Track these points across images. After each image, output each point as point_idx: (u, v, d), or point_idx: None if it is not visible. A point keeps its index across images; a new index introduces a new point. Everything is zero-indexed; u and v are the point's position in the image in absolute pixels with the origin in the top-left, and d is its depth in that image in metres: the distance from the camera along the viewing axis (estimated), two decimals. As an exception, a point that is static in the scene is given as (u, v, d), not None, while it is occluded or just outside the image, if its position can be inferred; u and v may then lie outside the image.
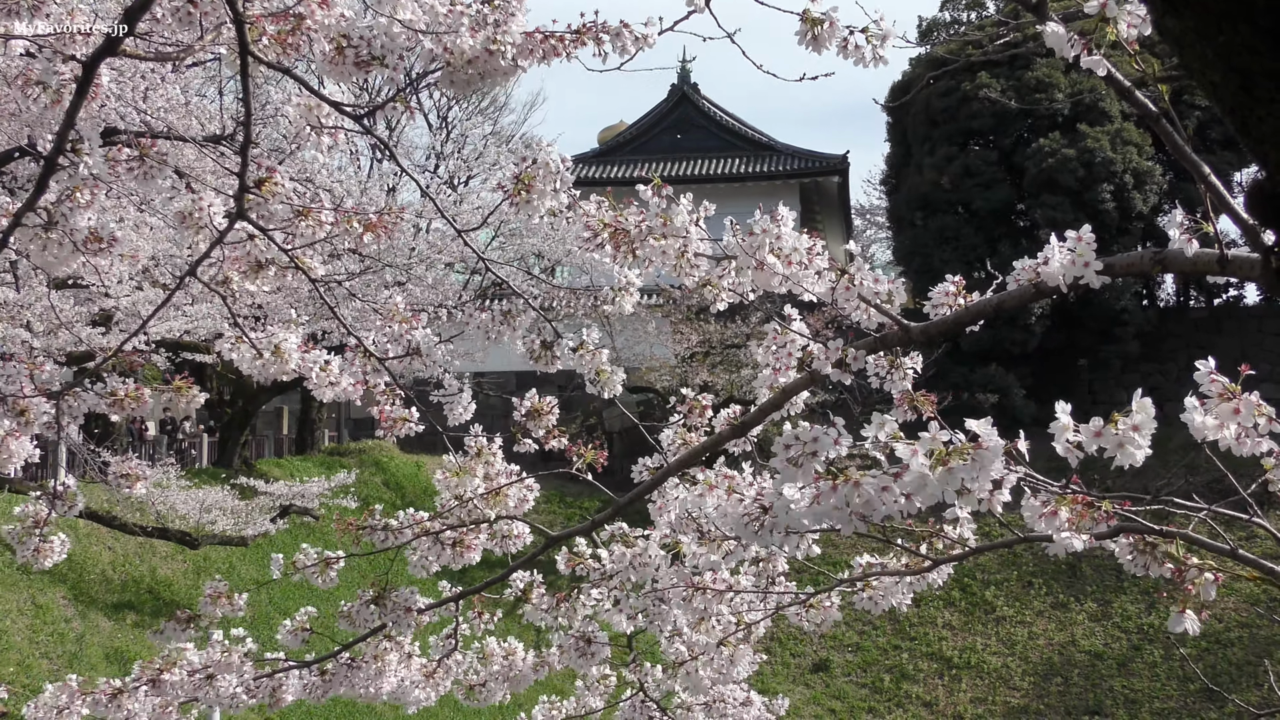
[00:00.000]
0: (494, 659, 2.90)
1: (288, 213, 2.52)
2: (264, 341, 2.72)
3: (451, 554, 2.69)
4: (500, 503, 2.70)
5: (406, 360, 2.73)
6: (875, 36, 2.24)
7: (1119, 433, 1.61)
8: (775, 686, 20.55)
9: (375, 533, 2.64)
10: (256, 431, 25.79)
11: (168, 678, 2.55)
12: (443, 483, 2.71)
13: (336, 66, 2.10)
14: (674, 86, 36.82)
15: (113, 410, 2.82)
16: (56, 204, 2.27)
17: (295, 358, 2.75)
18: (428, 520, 2.69)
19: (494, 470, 2.73)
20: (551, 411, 2.87)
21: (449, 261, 15.85)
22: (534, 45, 2.16)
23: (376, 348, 2.75)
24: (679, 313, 25.95)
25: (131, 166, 2.33)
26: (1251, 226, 1.65)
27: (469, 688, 2.90)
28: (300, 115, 2.33)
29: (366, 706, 14.89)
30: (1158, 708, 19.13)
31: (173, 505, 14.94)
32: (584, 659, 2.76)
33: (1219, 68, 1.18)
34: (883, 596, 2.63)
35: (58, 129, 2.11)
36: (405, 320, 2.75)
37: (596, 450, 2.83)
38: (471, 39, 2.07)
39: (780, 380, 2.41)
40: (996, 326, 26.48)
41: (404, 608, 2.66)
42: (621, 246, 2.23)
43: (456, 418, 2.88)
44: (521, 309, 2.74)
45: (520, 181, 2.32)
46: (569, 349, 2.75)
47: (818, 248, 2.24)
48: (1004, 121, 28.10)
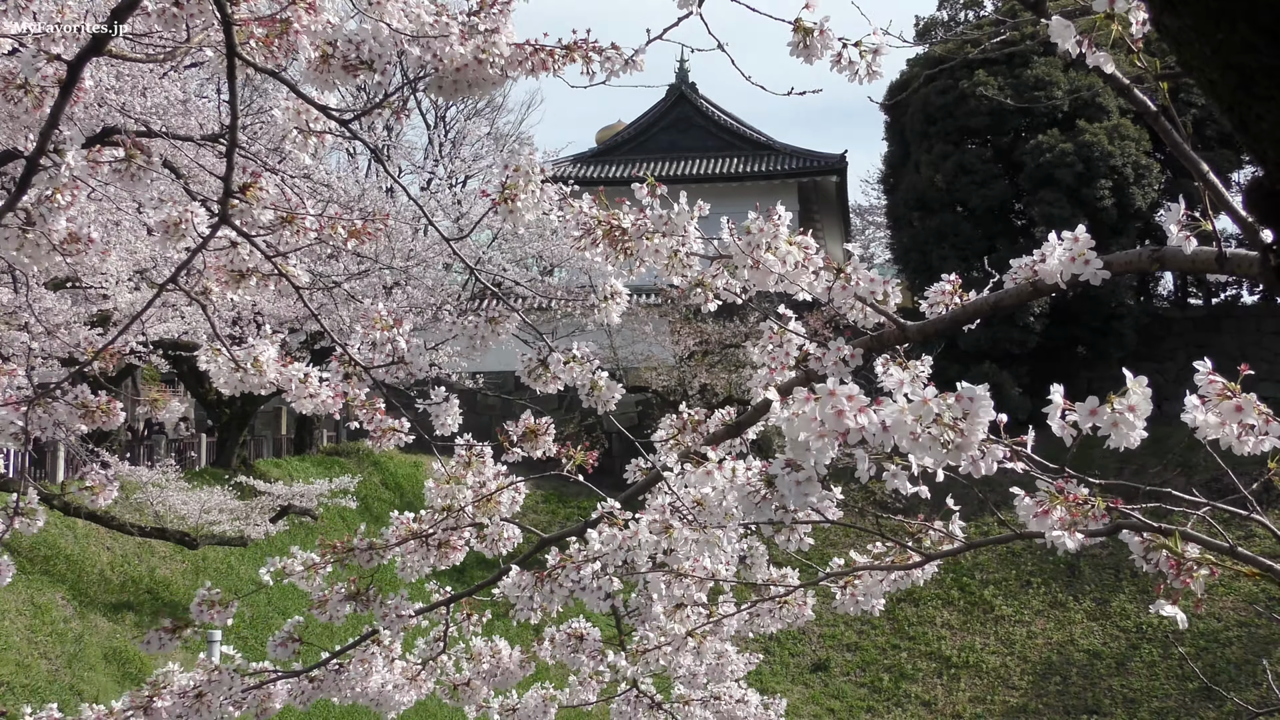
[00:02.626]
0: (481, 659, 2.89)
1: (273, 218, 2.50)
2: (242, 355, 2.69)
3: (437, 555, 2.68)
4: (493, 509, 2.69)
5: (392, 369, 2.70)
6: (868, 50, 2.21)
7: (1114, 412, 1.61)
8: (774, 686, 20.55)
9: (360, 554, 2.64)
10: (255, 431, 25.77)
11: (158, 704, 2.53)
12: (434, 492, 2.70)
13: (321, 74, 2.10)
14: (672, 86, 36.81)
15: (83, 421, 2.80)
16: (36, 205, 2.26)
17: (273, 370, 2.73)
18: (412, 521, 2.68)
19: (485, 478, 2.71)
20: (547, 432, 2.84)
21: (447, 263, 15.85)
22: (523, 57, 2.16)
23: (361, 356, 2.72)
24: (677, 313, 25.95)
25: (118, 168, 2.32)
26: (1250, 224, 1.65)
27: (453, 687, 2.89)
28: (288, 118, 2.32)
29: (364, 709, 14.88)
30: (1156, 707, 19.15)
31: (172, 506, 14.93)
32: (575, 654, 2.76)
33: (1217, 65, 1.17)
34: (864, 596, 2.59)
35: (41, 129, 2.09)
36: (388, 327, 2.72)
37: (587, 451, 2.80)
38: (461, 47, 2.07)
39: (777, 380, 2.41)
40: (994, 326, 26.49)
41: (395, 614, 2.64)
42: (616, 245, 2.23)
43: (444, 427, 2.84)
44: (507, 313, 2.73)
45: (505, 190, 2.32)
46: (561, 363, 2.72)
47: (813, 245, 2.23)
48: (1001, 119, 28.11)
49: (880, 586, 2.58)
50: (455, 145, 22.36)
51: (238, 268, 2.60)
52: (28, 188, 2.22)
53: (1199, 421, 1.60)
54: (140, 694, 2.55)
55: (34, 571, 13.32)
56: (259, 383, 2.72)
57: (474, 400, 21.57)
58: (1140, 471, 23.16)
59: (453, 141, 24.30)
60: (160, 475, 15.47)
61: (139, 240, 9.25)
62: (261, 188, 2.44)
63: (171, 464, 17.24)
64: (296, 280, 2.64)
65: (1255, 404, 1.61)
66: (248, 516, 15.56)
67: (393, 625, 2.65)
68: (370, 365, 2.70)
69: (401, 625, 2.66)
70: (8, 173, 7.01)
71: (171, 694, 2.54)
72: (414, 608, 2.72)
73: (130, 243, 9.34)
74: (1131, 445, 1.64)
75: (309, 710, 2.75)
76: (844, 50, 2.21)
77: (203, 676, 2.59)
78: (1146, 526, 1.94)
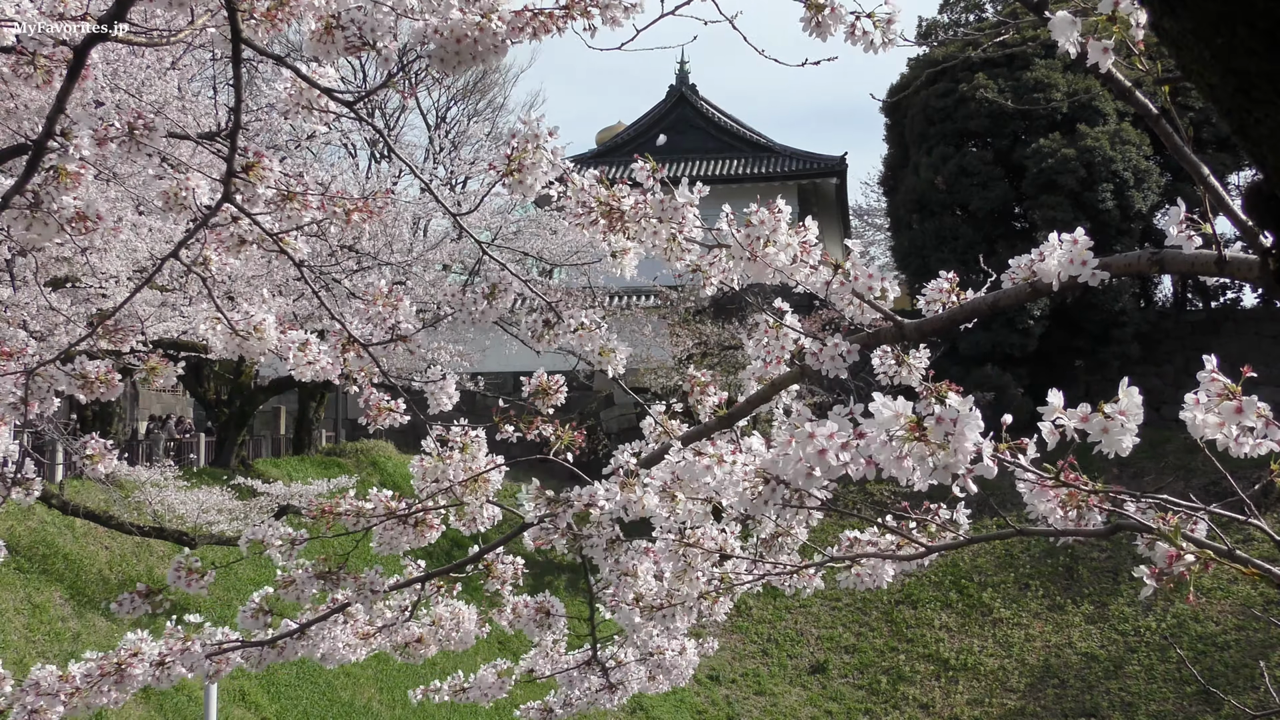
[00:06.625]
0: (442, 622, 2.88)
1: (275, 198, 2.52)
2: (242, 322, 2.72)
3: (414, 533, 2.67)
4: (481, 489, 2.68)
5: (391, 346, 2.71)
6: (881, 20, 2.22)
7: (1105, 418, 1.62)
8: (772, 687, 20.55)
9: (346, 517, 2.62)
10: (254, 431, 25.76)
11: (130, 670, 2.54)
12: (419, 469, 2.68)
13: (324, 45, 2.10)
14: (672, 88, 36.84)
15: (82, 391, 2.81)
16: (43, 185, 2.27)
17: (273, 336, 2.76)
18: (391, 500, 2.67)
19: (478, 462, 2.71)
20: (560, 390, 2.82)
21: (446, 264, 15.84)
22: (523, 22, 2.16)
23: (360, 333, 2.74)
24: (676, 315, 25.96)
25: (121, 141, 2.32)
26: (1249, 228, 1.65)
27: (403, 644, 2.86)
28: (291, 98, 2.33)
29: (363, 706, 14.88)
30: (1153, 710, 19.15)
31: (170, 505, 14.92)
32: (540, 628, 2.75)
33: (1217, 70, 1.18)
34: (870, 575, 2.59)
35: (48, 113, 2.10)
36: (388, 303, 2.73)
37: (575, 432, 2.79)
38: (461, 15, 2.07)
39: (771, 373, 2.40)
40: (994, 329, 26.52)
41: (369, 589, 2.61)
42: (615, 226, 2.22)
43: (439, 404, 2.84)
44: (505, 286, 2.73)
45: (512, 161, 2.30)
46: (569, 330, 2.72)
47: (812, 239, 2.22)
48: (1001, 122, 28.12)
49: (884, 569, 2.58)
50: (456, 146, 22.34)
51: (240, 235, 2.62)
52: (35, 171, 2.23)
53: (1198, 421, 1.60)
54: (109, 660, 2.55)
55: (32, 570, 13.30)
56: (259, 348, 2.74)
57: (473, 401, 21.56)
58: (1138, 475, 23.18)
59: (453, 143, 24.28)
60: (159, 475, 15.46)
61: (140, 240, 9.24)
62: (266, 167, 2.45)
63: (170, 464, 17.24)
64: (296, 254, 2.65)
65: (1256, 406, 1.61)
66: (247, 517, 15.55)
67: (366, 600, 2.62)
68: (369, 342, 2.71)
69: (375, 600, 2.64)
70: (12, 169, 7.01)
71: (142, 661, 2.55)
72: (388, 582, 2.69)
73: (130, 241, 9.33)
74: (1123, 451, 1.64)
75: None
76: (857, 22, 2.22)
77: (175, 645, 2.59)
78: (1144, 528, 1.94)
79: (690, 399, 2.79)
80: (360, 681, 15.39)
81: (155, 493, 14.93)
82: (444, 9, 2.05)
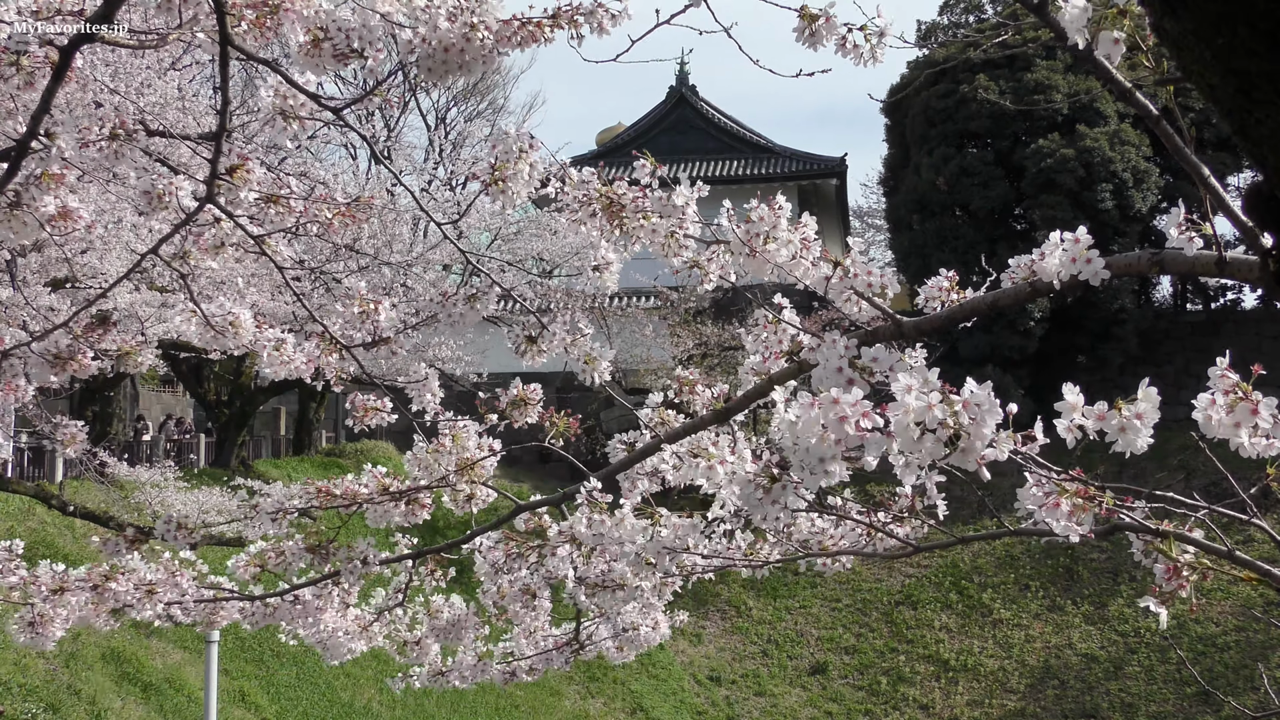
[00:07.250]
0: (439, 613, 2.89)
1: (259, 201, 2.53)
2: (218, 316, 2.75)
3: (405, 511, 2.67)
4: (477, 475, 2.69)
5: (373, 350, 2.73)
6: (873, 34, 2.24)
7: (1122, 418, 1.62)
8: (772, 688, 20.55)
9: (337, 500, 2.64)
10: (254, 432, 25.78)
11: (113, 585, 2.55)
12: (413, 461, 2.70)
13: (313, 59, 2.10)
14: (672, 89, 36.87)
15: (55, 369, 2.82)
16: (25, 185, 2.27)
17: (250, 331, 2.78)
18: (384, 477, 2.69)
19: (469, 450, 2.72)
20: (538, 401, 2.84)
21: (446, 264, 15.85)
22: (511, 32, 2.17)
23: (344, 334, 2.75)
24: (676, 315, 25.96)
25: (102, 146, 2.32)
26: (1250, 229, 1.65)
27: (403, 644, 2.88)
28: (274, 105, 2.32)
29: (363, 707, 14.88)
30: (1153, 711, 19.15)
31: (170, 506, 14.91)
32: (528, 611, 2.76)
33: (1217, 70, 1.18)
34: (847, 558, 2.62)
35: (32, 114, 2.10)
36: (368, 305, 2.74)
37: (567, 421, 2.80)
38: (449, 24, 2.07)
39: (769, 368, 2.40)
40: (995, 331, 26.54)
41: (360, 559, 2.62)
42: (613, 220, 2.22)
43: (422, 403, 2.85)
44: (486, 289, 2.73)
45: (496, 170, 2.31)
46: (553, 344, 2.73)
47: (811, 234, 2.22)
48: (1001, 122, 28.14)
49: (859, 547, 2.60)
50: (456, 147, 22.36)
51: (221, 238, 2.64)
52: (18, 171, 2.23)
53: (1213, 421, 1.60)
54: (98, 569, 2.57)
55: (32, 571, 13.30)
56: (235, 344, 2.76)
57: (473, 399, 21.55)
58: (1140, 475, 23.18)
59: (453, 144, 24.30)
60: (159, 475, 15.46)
61: (139, 240, 9.25)
62: (249, 170, 2.45)
63: (170, 464, 17.23)
64: (277, 256, 2.66)
65: (1271, 406, 1.60)
66: (247, 517, 15.53)
67: (355, 570, 2.62)
68: (351, 345, 2.72)
69: (364, 571, 2.64)
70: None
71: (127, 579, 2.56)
72: (380, 556, 2.70)
73: (130, 242, 9.34)
74: (1138, 451, 1.64)
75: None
76: (849, 35, 2.23)
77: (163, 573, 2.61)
78: (1143, 528, 1.94)
79: (680, 399, 2.80)
80: (360, 682, 15.39)
81: (155, 493, 14.93)
82: (431, 19, 2.05)
